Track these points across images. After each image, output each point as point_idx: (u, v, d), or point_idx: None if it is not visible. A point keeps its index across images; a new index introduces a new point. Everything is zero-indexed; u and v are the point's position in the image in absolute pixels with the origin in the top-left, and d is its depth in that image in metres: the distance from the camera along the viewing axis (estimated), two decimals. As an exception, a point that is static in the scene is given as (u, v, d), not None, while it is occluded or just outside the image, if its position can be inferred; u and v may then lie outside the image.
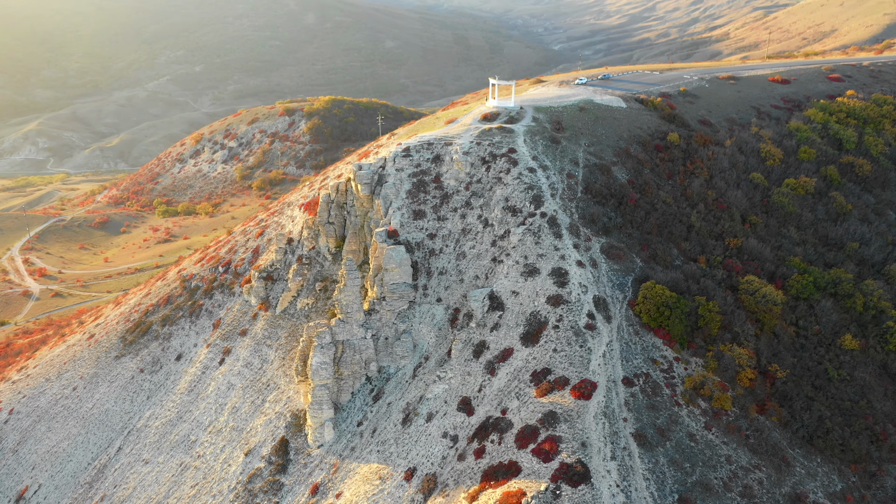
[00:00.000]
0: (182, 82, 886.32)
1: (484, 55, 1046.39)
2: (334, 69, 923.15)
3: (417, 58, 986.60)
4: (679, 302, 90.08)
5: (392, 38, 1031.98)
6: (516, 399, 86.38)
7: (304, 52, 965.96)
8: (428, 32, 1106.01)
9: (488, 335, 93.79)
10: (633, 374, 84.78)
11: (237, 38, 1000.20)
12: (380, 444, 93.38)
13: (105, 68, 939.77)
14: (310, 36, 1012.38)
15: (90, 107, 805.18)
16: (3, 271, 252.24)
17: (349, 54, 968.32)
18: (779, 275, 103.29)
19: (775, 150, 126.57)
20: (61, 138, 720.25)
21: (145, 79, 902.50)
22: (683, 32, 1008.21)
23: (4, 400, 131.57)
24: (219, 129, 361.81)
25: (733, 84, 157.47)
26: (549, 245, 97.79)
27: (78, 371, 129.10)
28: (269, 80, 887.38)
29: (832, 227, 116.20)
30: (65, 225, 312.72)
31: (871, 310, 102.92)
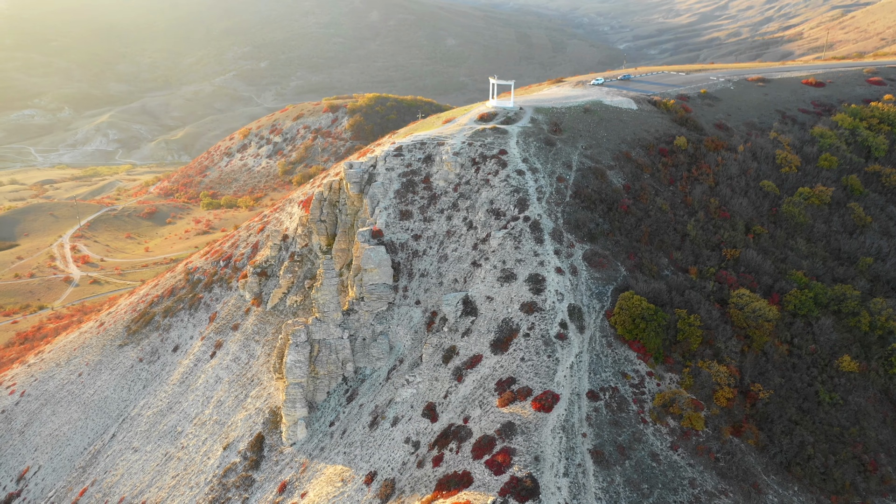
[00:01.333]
0: (247, 78, 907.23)
1: (546, 54, 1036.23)
2: (395, 66, 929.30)
3: (478, 56, 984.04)
4: (656, 314, 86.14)
5: (454, 35, 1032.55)
6: (479, 408, 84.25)
7: (367, 50, 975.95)
8: (490, 30, 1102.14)
9: (459, 340, 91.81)
10: (600, 388, 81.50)
11: (302, 34, 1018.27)
12: (347, 446, 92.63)
13: (175, 63, 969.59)
14: (373, 33, 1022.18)
15: (159, 100, 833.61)
16: (51, 257, 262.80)
17: (410, 52, 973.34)
18: (777, 289, 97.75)
19: (792, 157, 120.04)
20: (130, 130, 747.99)
21: (212, 74, 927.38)
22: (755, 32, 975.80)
23: (18, 382, 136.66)
24: (266, 125, 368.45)
25: (761, 86, 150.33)
26: (529, 250, 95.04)
27: (85, 357, 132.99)
28: (331, 76, 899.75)
29: (847, 240, 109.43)
30: (115, 214, 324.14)
31: (877, 330, 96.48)
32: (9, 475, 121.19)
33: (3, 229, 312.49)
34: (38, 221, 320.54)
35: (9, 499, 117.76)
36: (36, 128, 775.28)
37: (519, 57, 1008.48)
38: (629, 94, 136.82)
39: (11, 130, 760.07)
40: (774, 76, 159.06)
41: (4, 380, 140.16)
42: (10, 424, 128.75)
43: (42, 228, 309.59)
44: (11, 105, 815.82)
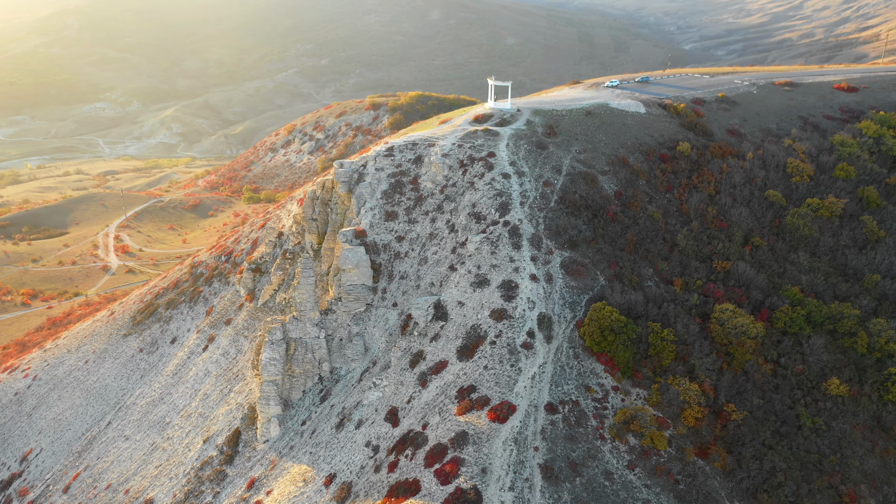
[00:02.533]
0: (308, 74, 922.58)
1: (608, 54, 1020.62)
2: (453, 65, 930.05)
3: (538, 55, 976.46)
4: (626, 327, 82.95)
5: (514, 34, 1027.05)
6: (438, 415, 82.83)
7: (426, 48, 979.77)
8: (552, 30, 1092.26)
9: (427, 345, 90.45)
10: (560, 401, 79.00)
11: (364, 32, 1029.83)
12: (314, 446, 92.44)
13: (241, 60, 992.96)
14: (433, 31, 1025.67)
15: (222, 96, 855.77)
16: (94, 246, 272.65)
17: (469, 50, 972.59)
18: (767, 305, 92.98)
19: (805, 166, 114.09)
20: (193, 124, 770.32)
21: (275, 70, 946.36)
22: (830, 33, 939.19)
23: (33, 366, 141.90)
24: (310, 121, 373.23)
25: (787, 91, 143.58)
26: (505, 256, 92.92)
27: (93, 345, 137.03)
28: (389, 74, 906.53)
29: (855, 255, 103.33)
30: (161, 206, 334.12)
31: (875, 352, 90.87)
32: (14, 456, 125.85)
33: (56, 218, 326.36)
34: (88, 211, 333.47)
35: (11, 478, 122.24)
36: (106, 120, 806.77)
37: (580, 57, 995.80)
38: (641, 97, 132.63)
39: (83, 122, 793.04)
40: (805, 80, 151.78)
41: (22, 363, 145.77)
42: (21, 407, 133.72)
43: (92, 218, 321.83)
44: (84, 98, 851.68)
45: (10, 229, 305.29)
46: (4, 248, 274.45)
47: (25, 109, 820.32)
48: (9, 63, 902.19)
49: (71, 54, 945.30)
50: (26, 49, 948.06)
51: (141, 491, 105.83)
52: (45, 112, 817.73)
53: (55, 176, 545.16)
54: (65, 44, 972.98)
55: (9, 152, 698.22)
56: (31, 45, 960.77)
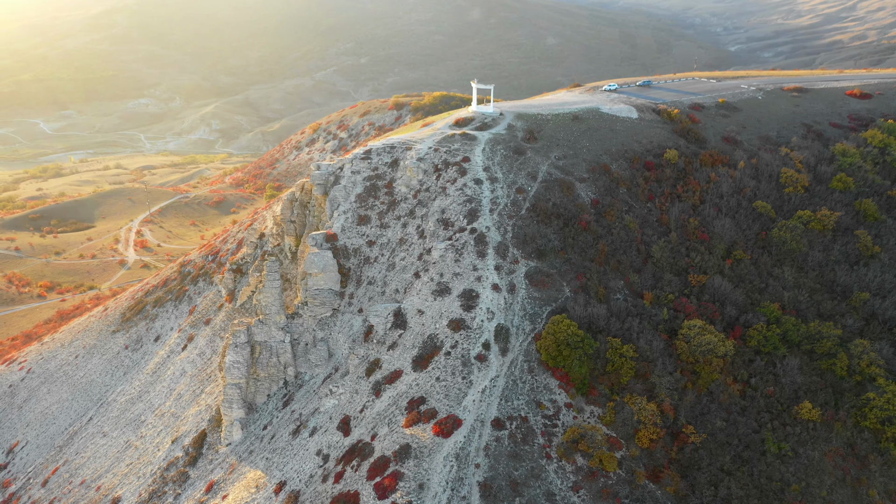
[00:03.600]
0: (346, 73, 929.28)
1: (650, 55, 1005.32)
2: (492, 65, 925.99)
3: (578, 55, 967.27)
4: (583, 341, 79.98)
5: (554, 34, 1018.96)
6: (387, 426, 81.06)
7: (465, 47, 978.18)
8: (594, 30, 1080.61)
9: (385, 354, 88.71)
10: (508, 416, 76.49)
11: (403, 31, 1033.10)
12: (271, 452, 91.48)
13: (282, 58, 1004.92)
14: (473, 31, 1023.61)
15: (261, 93, 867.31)
16: (116, 240, 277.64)
17: (509, 50, 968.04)
18: (742, 322, 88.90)
19: (800, 177, 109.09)
20: (232, 121, 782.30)
21: (315, 69, 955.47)
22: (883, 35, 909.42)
23: (29, 359, 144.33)
24: (335, 120, 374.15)
25: (795, 97, 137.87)
26: (469, 264, 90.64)
27: (84, 341, 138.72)
28: (427, 73, 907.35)
29: (845, 271, 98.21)
30: (187, 202, 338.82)
31: (855, 376, 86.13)
32: (1, 448, 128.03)
33: (85, 211, 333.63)
34: (116, 205, 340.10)
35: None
36: (148, 116, 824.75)
37: (620, 58, 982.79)
38: (636, 101, 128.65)
39: (126, 118, 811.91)
40: (817, 85, 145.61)
41: (21, 356, 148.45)
42: (13, 399, 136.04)
43: (118, 212, 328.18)
44: (129, 94, 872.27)
45: (40, 222, 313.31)
46: (31, 240, 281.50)
47: (73, 104, 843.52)
48: (60, 59, 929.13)
49: (119, 51, 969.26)
50: (77, 45, 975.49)
51: (111, 488, 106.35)
52: (92, 107, 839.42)
53: (95, 170, 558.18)
54: (113, 41, 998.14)
55: (55, 146, 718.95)
56: (81, 42, 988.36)
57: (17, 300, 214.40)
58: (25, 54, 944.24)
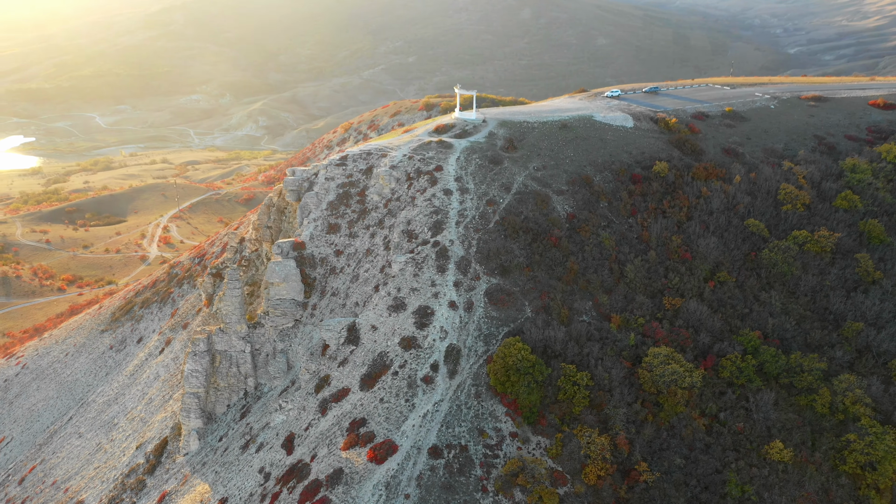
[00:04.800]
0: (394, 72, 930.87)
1: (704, 56, 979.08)
2: (539, 65, 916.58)
3: (629, 57, 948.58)
4: (533, 367, 75.29)
5: (605, 35, 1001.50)
6: (327, 447, 77.92)
7: (514, 47, 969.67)
8: (646, 30, 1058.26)
9: (335, 370, 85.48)
10: (447, 444, 72.35)
11: (452, 30, 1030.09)
12: (221, 465, 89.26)
13: (331, 56, 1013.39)
14: (522, 31, 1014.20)
15: (308, 91, 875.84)
16: (142, 235, 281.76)
17: (558, 50, 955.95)
18: (715, 351, 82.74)
19: (800, 193, 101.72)
20: (278, 118, 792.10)
21: (363, 67, 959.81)
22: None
23: (26, 355, 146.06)
24: (366, 120, 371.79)
25: (812, 106, 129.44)
26: (427, 279, 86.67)
27: (75, 338, 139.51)
28: (474, 73, 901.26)
29: (841, 298, 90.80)
30: (217, 199, 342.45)
31: (838, 414, 79.27)
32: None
33: (118, 205, 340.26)
34: (149, 200, 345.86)
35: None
36: (198, 112, 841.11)
37: (673, 59, 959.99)
38: (635, 109, 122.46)
39: (177, 113, 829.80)
40: (839, 94, 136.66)
41: (20, 350, 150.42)
42: (5, 394, 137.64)
43: (150, 207, 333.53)
44: (182, 90, 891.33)
45: (75, 215, 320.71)
46: (63, 233, 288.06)
47: (128, 99, 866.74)
48: (118, 55, 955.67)
49: (174, 48, 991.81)
50: (134, 42, 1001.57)
51: (77, 491, 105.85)
52: (146, 102, 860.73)
53: (142, 164, 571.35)
54: (170, 38, 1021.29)
55: (108, 140, 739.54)
56: (139, 39, 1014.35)
57: (37, 292, 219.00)
58: (87, 50, 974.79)
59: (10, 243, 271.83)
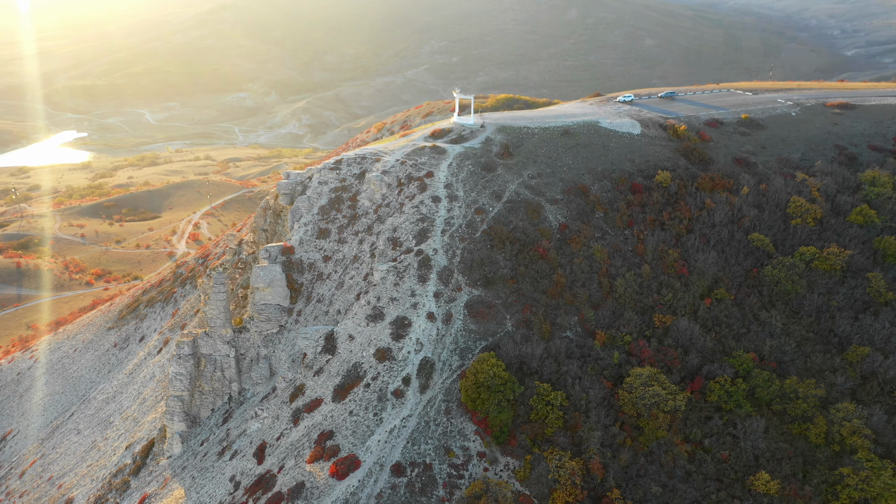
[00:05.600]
0: (437, 72, 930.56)
1: (755, 58, 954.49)
2: (584, 66, 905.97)
3: (677, 58, 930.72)
4: (505, 385, 72.43)
5: (654, 36, 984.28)
6: (294, 458, 76.38)
7: (559, 48, 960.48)
8: (696, 31, 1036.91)
9: (310, 379, 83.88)
10: (411, 462, 70.04)
11: (498, 30, 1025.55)
12: (198, 471, 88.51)
13: (376, 55, 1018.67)
14: (568, 31, 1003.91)
15: (352, 90, 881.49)
16: (173, 231, 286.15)
17: (603, 51, 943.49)
18: (704, 373, 78.56)
19: (812, 207, 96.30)
20: (321, 116, 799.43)
21: (407, 67, 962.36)
22: None
23: (40, 349, 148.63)
24: (399, 120, 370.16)
25: (836, 114, 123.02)
26: (408, 289, 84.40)
27: (85, 335, 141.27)
28: (518, 73, 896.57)
29: (847, 320, 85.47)
30: (250, 196, 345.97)
31: (833, 445, 74.43)
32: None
33: (155, 201, 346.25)
34: (184, 197, 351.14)
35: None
36: (244, 109, 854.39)
37: (723, 61, 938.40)
38: (645, 115, 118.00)
39: (224, 111, 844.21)
40: (868, 101, 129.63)
41: (34, 344, 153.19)
42: (17, 387, 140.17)
43: (185, 204, 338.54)
44: (229, 88, 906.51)
45: (113, 210, 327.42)
46: (99, 227, 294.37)
47: (177, 97, 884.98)
48: (169, 53, 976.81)
49: (223, 46, 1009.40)
50: (185, 40, 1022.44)
51: (69, 488, 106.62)
52: (194, 100, 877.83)
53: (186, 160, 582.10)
54: (219, 36, 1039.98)
55: (156, 136, 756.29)
56: (190, 37, 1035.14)
57: (66, 286, 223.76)
58: (139, 48, 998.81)
59: (48, 237, 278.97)
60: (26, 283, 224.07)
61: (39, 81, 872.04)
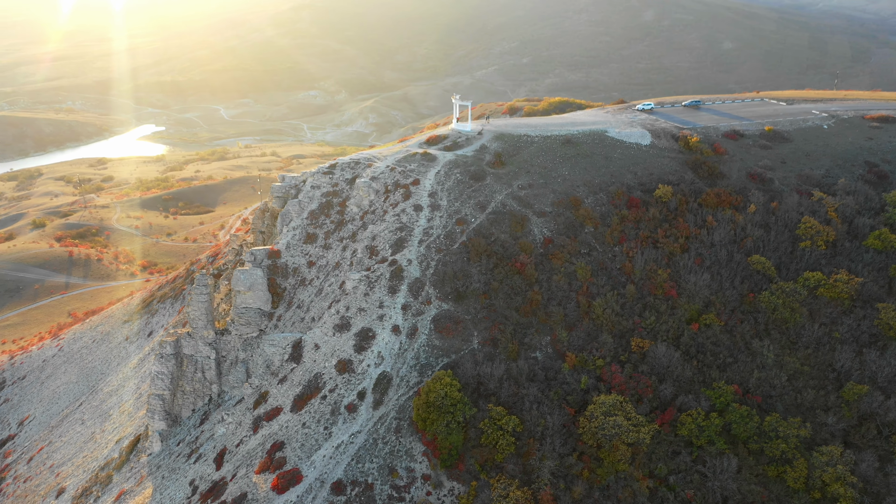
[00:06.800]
0: (506, 73, 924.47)
1: (841, 63, 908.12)
2: (658, 69, 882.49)
3: (756, 62, 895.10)
4: (455, 406, 69.45)
5: (733, 38, 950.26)
6: (246, 467, 75.53)
7: (632, 50, 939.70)
8: (779, 34, 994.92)
9: (274, 387, 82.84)
10: (352, 481, 67.99)
11: (570, 32, 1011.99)
12: (168, 471, 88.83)
13: (446, 56, 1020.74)
14: (643, 33, 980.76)
15: (420, 90, 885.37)
16: (221, 226, 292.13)
17: (679, 54, 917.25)
18: (677, 404, 73.47)
19: (825, 229, 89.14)
20: (388, 116, 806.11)
21: (476, 67, 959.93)
22: None
23: (66, 337, 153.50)
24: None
25: (874, 128, 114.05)
26: (376, 300, 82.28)
27: (104, 326, 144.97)
28: (588, 75, 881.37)
29: (849, 354, 78.49)
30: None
31: (813, 491, 68.42)
32: (17, 419, 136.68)
33: (211, 196, 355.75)
34: (238, 192, 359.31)
35: (7, 439, 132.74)
36: (314, 107, 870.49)
37: (806, 65, 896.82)
38: (660, 125, 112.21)
39: (294, 108, 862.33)
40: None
41: (63, 333, 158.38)
42: (41, 374, 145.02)
43: (238, 199, 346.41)
44: (301, 86, 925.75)
45: (170, 203, 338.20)
46: (154, 220, 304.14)
47: (251, 94, 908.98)
48: (247, 51, 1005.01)
49: (298, 45, 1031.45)
50: (262, 39, 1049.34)
51: (65, 477, 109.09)
52: (267, 97, 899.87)
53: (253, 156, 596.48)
54: (295, 35, 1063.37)
55: (228, 131, 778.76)
56: (267, 36, 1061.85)
57: (111, 276, 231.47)
58: (218, 46, 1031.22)
59: (105, 227, 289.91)
60: (75, 271, 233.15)
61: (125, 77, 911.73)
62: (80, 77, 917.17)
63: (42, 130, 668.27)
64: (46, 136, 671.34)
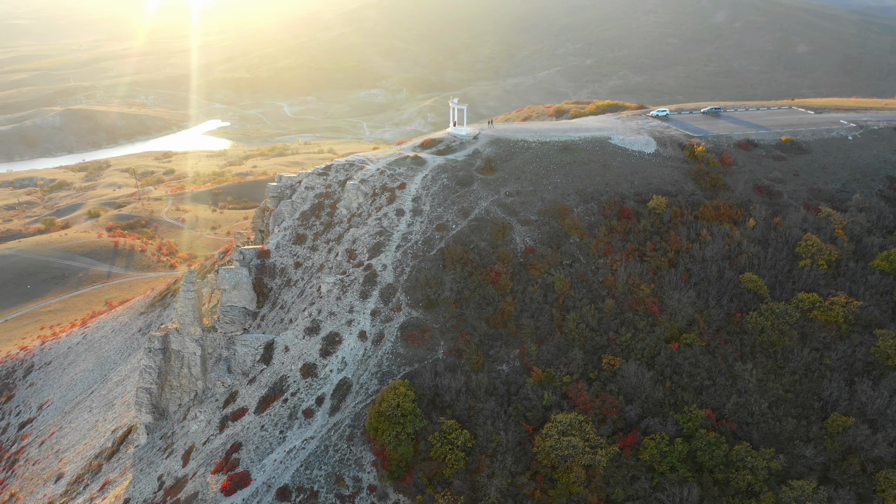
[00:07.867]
0: (569, 74, 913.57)
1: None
2: (726, 72, 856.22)
3: (831, 66, 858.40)
4: (406, 418, 68.01)
5: (808, 41, 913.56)
6: (205, 466, 75.98)
7: (700, 52, 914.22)
8: (859, 38, 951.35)
9: (244, 387, 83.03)
10: (298, 487, 67.42)
11: (637, 33, 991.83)
12: (147, 465, 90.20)
13: (510, 56, 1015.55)
14: (712, 35, 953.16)
15: (480, 90, 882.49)
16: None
17: (749, 57, 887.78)
18: (642, 427, 70.13)
19: (826, 247, 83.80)
20: (446, 115, 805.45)
21: (539, 68, 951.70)
22: None
23: (91, 326, 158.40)
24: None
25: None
26: (347, 304, 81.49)
27: (123, 317, 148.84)
28: (653, 78, 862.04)
29: (838, 382, 73.51)
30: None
31: (779, 528, 64.04)
32: (37, 403, 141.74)
33: (259, 191, 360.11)
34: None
35: (27, 422, 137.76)
36: (375, 106, 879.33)
37: (886, 70, 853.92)
38: (670, 132, 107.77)
39: (355, 106, 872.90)
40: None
41: (91, 321, 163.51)
42: (64, 360, 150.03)
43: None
44: (364, 84, 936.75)
45: (219, 197, 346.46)
46: (201, 213, 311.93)
47: (314, 91, 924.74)
48: (313, 49, 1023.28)
49: (364, 43, 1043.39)
50: (330, 37, 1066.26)
51: (66, 463, 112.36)
52: (329, 95, 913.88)
53: (310, 153, 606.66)
54: (361, 34, 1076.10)
55: (289, 128, 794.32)
56: (335, 34, 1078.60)
57: (151, 267, 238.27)
58: (286, 44, 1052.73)
59: (154, 219, 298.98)
60: (118, 261, 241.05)
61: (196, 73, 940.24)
62: (154, 73, 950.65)
63: (115, 124, 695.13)
64: (119, 129, 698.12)
